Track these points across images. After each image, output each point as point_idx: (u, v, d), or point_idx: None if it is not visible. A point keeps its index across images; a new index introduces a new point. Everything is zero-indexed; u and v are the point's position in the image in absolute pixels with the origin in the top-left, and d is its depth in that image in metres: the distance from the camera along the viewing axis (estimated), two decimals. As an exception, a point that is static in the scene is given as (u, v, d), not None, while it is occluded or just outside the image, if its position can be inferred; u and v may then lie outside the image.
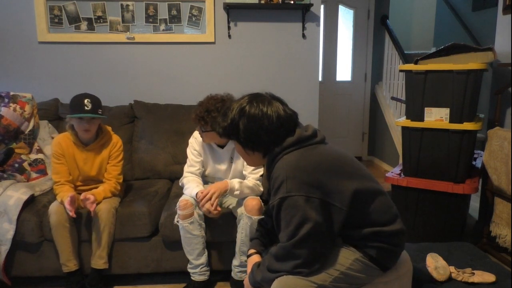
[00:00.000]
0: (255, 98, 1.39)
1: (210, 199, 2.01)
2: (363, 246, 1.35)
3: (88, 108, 2.12)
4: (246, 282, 1.48)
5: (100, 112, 2.19)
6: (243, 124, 1.36)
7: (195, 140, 2.25)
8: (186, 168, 2.26)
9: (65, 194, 2.11)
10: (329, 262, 1.32)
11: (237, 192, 2.08)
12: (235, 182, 2.08)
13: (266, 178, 1.48)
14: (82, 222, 2.18)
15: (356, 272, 1.34)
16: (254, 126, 1.35)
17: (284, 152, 1.34)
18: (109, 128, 2.37)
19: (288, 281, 1.28)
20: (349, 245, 1.37)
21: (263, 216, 1.77)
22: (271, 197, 1.35)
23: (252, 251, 1.57)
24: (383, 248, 1.34)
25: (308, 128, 1.40)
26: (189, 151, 2.27)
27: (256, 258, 1.54)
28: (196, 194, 2.06)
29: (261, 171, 2.21)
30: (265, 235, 1.61)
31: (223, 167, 2.24)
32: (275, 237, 1.56)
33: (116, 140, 2.34)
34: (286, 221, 1.27)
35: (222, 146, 2.20)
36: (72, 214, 2.02)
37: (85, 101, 2.13)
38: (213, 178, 2.33)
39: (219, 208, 2.03)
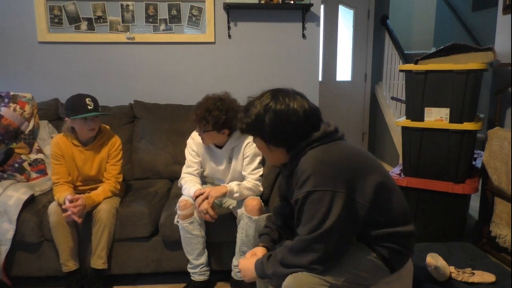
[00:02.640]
0: (279, 92, 1.39)
1: (207, 198, 2.00)
2: (377, 246, 1.35)
3: (91, 107, 2.13)
4: (248, 272, 1.43)
5: (100, 110, 2.20)
6: (269, 119, 1.35)
7: (193, 141, 2.25)
8: (184, 169, 2.26)
9: (62, 194, 2.11)
10: (343, 261, 1.32)
11: (236, 195, 2.07)
12: (233, 185, 2.08)
13: (284, 176, 1.47)
14: (82, 222, 2.17)
15: (365, 272, 1.34)
16: (281, 121, 1.34)
17: (310, 147, 1.34)
18: (108, 128, 2.37)
19: (302, 278, 1.27)
20: (363, 244, 1.37)
21: (266, 214, 1.76)
22: (294, 191, 1.34)
23: (261, 244, 1.55)
24: (395, 249, 1.34)
25: (330, 124, 1.41)
26: (187, 151, 2.27)
27: (259, 250, 1.52)
28: (194, 192, 2.06)
29: (260, 171, 2.21)
30: (274, 230, 1.59)
31: (221, 167, 2.24)
32: (285, 233, 1.56)
33: (115, 140, 2.34)
34: (310, 215, 1.27)
35: (220, 147, 2.19)
36: (76, 218, 2.03)
37: (87, 100, 2.13)
38: (212, 178, 2.33)
39: (214, 211, 2.01)
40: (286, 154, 1.42)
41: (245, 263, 1.47)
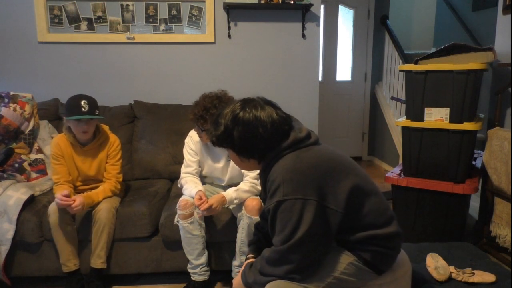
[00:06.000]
0: (248, 103, 1.36)
1: (205, 202, 1.99)
2: (358, 250, 1.33)
3: (85, 110, 2.12)
4: (236, 281, 1.46)
5: (97, 113, 2.18)
6: (237, 131, 1.32)
7: (191, 140, 2.25)
8: (183, 168, 2.26)
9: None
10: (322, 267, 1.30)
11: (236, 201, 2.07)
12: (231, 192, 2.07)
13: (261, 182, 1.46)
14: (82, 222, 2.18)
15: (349, 276, 1.32)
16: (249, 133, 1.32)
17: (279, 155, 1.33)
18: (106, 128, 2.37)
19: (280, 286, 1.27)
20: (343, 248, 1.35)
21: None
22: (267, 200, 1.34)
23: (250, 255, 1.55)
24: (378, 252, 1.32)
25: (302, 130, 1.38)
26: (185, 151, 2.27)
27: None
28: (195, 197, 2.05)
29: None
30: (262, 239, 1.58)
31: (220, 165, 2.23)
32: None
33: (114, 140, 2.34)
34: (282, 225, 1.25)
35: (218, 145, 2.19)
36: (66, 203, 2.01)
37: (82, 102, 2.12)
38: (211, 178, 2.33)
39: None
40: (258, 164, 1.40)
41: (235, 279, 1.49)
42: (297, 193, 1.23)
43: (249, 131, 1.32)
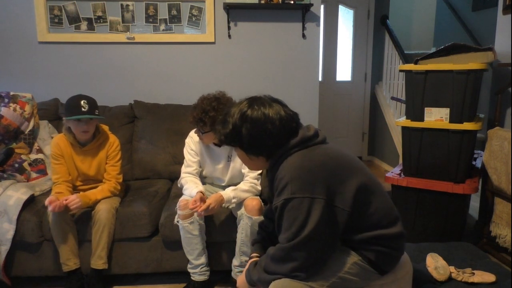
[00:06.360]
0: (255, 101, 1.37)
1: (199, 207, 1.98)
2: (363, 249, 1.33)
3: (85, 110, 2.12)
4: (240, 280, 1.47)
5: (97, 113, 2.19)
6: (246, 129, 1.33)
7: (192, 140, 2.25)
8: (183, 168, 2.26)
9: (60, 194, 2.12)
10: (327, 266, 1.30)
11: (234, 200, 2.07)
12: (229, 192, 2.07)
13: (269, 180, 1.46)
14: (82, 222, 2.18)
15: (353, 276, 1.32)
16: (257, 130, 1.32)
17: (288, 153, 1.33)
18: (106, 128, 2.37)
19: (284, 284, 1.27)
20: (348, 248, 1.35)
21: (263, 218, 1.76)
22: (274, 198, 1.34)
23: (254, 254, 1.55)
24: (382, 252, 1.33)
25: (310, 128, 1.39)
26: (185, 151, 2.27)
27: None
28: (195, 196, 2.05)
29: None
30: (266, 238, 1.58)
31: (220, 165, 2.23)
32: (277, 239, 1.56)
33: (113, 140, 2.34)
34: (289, 223, 1.26)
35: (219, 145, 2.19)
36: (51, 205, 2.00)
37: (82, 102, 2.12)
38: (211, 178, 2.33)
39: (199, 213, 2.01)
40: (266, 162, 1.41)
41: (239, 277, 1.49)
42: (305, 191, 1.24)
43: (257, 128, 1.33)
